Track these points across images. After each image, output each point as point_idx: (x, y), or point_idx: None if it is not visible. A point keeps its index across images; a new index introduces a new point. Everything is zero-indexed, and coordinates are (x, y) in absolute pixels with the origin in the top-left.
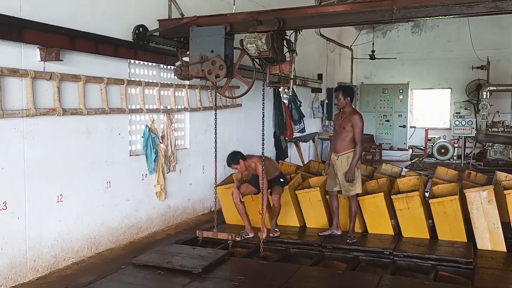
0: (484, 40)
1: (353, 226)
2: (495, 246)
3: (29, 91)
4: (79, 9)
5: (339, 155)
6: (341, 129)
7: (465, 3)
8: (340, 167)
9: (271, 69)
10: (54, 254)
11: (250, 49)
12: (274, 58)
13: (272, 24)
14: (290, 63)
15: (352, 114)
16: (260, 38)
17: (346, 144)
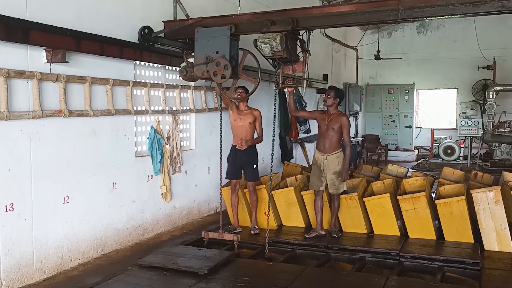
0: (490, 39)
1: (335, 221)
2: (502, 247)
3: (35, 92)
4: (85, 11)
5: (327, 155)
6: (328, 130)
7: (472, 3)
8: (330, 166)
9: (284, 69)
10: (60, 255)
11: (264, 49)
12: (288, 58)
13: (286, 24)
14: (303, 63)
15: (339, 116)
16: (275, 38)
17: (335, 145)
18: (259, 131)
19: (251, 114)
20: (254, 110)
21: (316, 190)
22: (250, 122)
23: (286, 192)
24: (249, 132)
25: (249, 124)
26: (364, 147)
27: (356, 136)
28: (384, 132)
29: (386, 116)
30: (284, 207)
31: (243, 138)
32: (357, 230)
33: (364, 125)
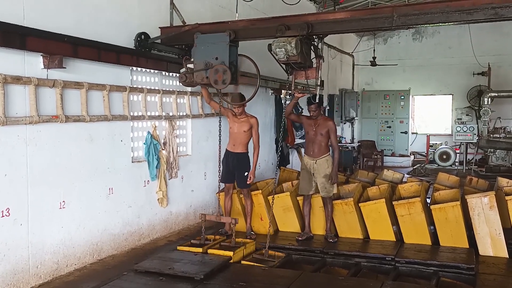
0: (485, 46)
1: (330, 226)
2: (497, 252)
3: (32, 98)
4: (82, 17)
5: (317, 159)
6: (316, 135)
7: (465, 10)
8: (319, 169)
9: (296, 75)
10: (56, 261)
11: (279, 53)
12: (303, 63)
13: (301, 29)
14: (317, 69)
15: (326, 121)
16: (290, 42)
17: (323, 149)
18: (255, 139)
19: (247, 122)
20: (250, 117)
21: (305, 194)
22: (245, 130)
23: (282, 197)
24: (244, 139)
25: (244, 132)
26: (360, 152)
27: (352, 141)
28: (380, 138)
29: (382, 122)
30: (280, 212)
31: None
32: (353, 235)
33: (360, 130)
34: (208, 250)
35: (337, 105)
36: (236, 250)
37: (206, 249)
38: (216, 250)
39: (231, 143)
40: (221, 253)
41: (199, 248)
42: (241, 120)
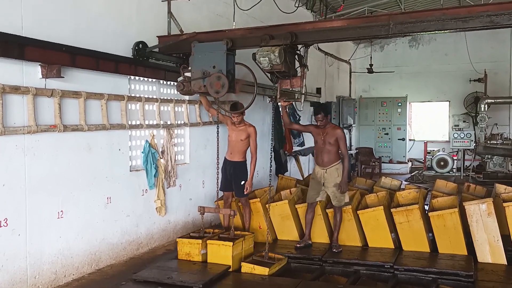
0: (481, 53)
1: (337, 236)
2: (495, 259)
3: (30, 108)
4: (80, 27)
5: (326, 168)
6: (325, 144)
7: (461, 18)
8: (330, 179)
9: (281, 84)
10: (54, 271)
11: (263, 62)
12: (286, 72)
13: (285, 38)
14: (301, 78)
15: (334, 129)
16: (273, 51)
17: (333, 157)
18: (252, 148)
19: (245, 130)
20: (249, 126)
21: (311, 202)
22: (242, 139)
23: (281, 205)
24: (241, 148)
25: (241, 141)
26: (358, 159)
27: (350, 148)
28: (377, 145)
29: (379, 129)
30: (279, 220)
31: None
32: (352, 243)
33: (358, 137)
34: (208, 242)
35: (335, 112)
36: (236, 241)
37: (205, 240)
38: (216, 241)
39: (229, 152)
40: (221, 247)
41: (199, 240)
42: (239, 129)
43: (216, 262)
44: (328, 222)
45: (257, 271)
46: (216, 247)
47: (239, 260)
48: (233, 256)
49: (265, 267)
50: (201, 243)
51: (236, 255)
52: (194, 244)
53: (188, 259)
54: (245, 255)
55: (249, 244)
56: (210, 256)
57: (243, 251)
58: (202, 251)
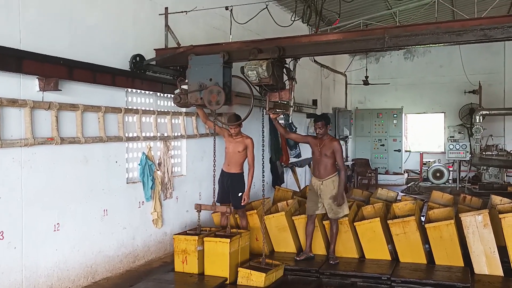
0: (475, 65)
1: (334, 248)
2: (492, 271)
3: (27, 120)
4: (77, 40)
5: (323, 180)
6: (322, 156)
7: (455, 32)
8: (326, 191)
9: (270, 96)
10: (50, 284)
11: (251, 75)
12: (274, 85)
13: (273, 52)
14: (289, 90)
15: (331, 141)
16: (261, 65)
17: (329, 169)
18: (250, 160)
19: (242, 142)
20: (246, 138)
21: (310, 214)
22: (239, 150)
23: (278, 217)
24: (239, 160)
25: (238, 152)
26: (354, 171)
27: (346, 160)
28: (373, 156)
29: (375, 140)
30: (276, 232)
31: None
32: (348, 255)
33: (354, 149)
34: (204, 239)
35: (331, 124)
36: (233, 238)
37: (202, 238)
38: (212, 238)
39: (226, 163)
40: (218, 244)
41: (195, 236)
42: (236, 140)
43: (213, 260)
44: (325, 233)
45: (254, 276)
46: (213, 244)
47: (236, 266)
48: (230, 252)
49: (262, 272)
50: (197, 239)
51: (233, 252)
52: (190, 241)
53: (185, 257)
54: (242, 258)
55: (245, 241)
56: (207, 253)
57: (240, 248)
58: (198, 247)
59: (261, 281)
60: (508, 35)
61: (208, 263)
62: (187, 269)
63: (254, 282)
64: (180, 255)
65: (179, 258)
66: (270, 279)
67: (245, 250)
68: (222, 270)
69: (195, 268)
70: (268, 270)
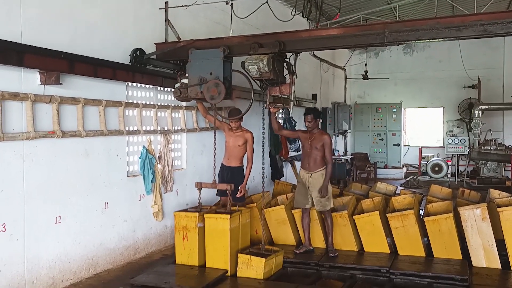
0: (474, 60)
1: (332, 240)
2: (490, 263)
3: (29, 114)
4: (78, 34)
5: (312, 173)
6: (312, 149)
7: (455, 27)
8: (314, 183)
9: (271, 91)
10: (52, 276)
11: (252, 70)
12: (275, 80)
13: (273, 47)
14: (290, 85)
15: (321, 135)
16: (262, 59)
17: (319, 163)
18: (249, 153)
19: (243, 136)
20: (246, 132)
21: (302, 207)
22: (239, 144)
23: (277, 210)
24: (239, 153)
25: (238, 146)
26: (353, 165)
27: (345, 154)
28: (373, 150)
29: (374, 135)
30: (275, 225)
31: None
32: (348, 248)
33: (353, 143)
34: (205, 215)
35: (330, 118)
36: (233, 214)
37: (203, 214)
38: (213, 214)
39: (226, 157)
40: (218, 220)
41: (195, 213)
42: (237, 134)
43: (213, 236)
44: (324, 226)
45: (253, 262)
46: (214, 220)
47: (236, 254)
48: (230, 228)
49: (262, 257)
50: (198, 216)
51: (233, 228)
52: (191, 217)
53: (185, 233)
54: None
55: (246, 218)
56: (208, 229)
57: (240, 225)
58: (199, 224)
59: (261, 266)
60: (507, 31)
61: (209, 239)
62: (187, 246)
63: (254, 268)
64: (181, 232)
65: (180, 235)
66: (270, 264)
67: (245, 228)
68: (223, 246)
69: (195, 246)
70: (268, 255)
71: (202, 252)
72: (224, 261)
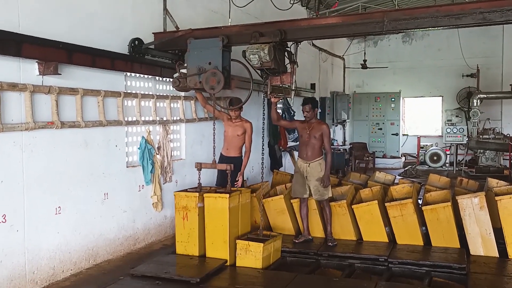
0: (473, 48)
1: (331, 229)
2: (487, 252)
3: (27, 104)
4: (76, 24)
5: (310, 162)
6: (310, 138)
7: (454, 15)
8: (312, 173)
9: (272, 80)
10: (52, 266)
11: (253, 59)
12: (276, 69)
13: (274, 36)
14: (291, 74)
15: (320, 124)
16: (263, 49)
17: (316, 152)
18: (247, 144)
19: (242, 126)
20: (245, 122)
21: (300, 197)
22: (238, 134)
23: (276, 200)
24: (238, 143)
25: (237, 136)
26: (352, 154)
27: (344, 144)
28: (371, 140)
29: (373, 124)
30: (274, 215)
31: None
32: (346, 237)
33: (352, 133)
34: (205, 195)
35: (329, 108)
36: (232, 194)
37: (202, 194)
38: (213, 194)
39: (225, 147)
40: (218, 199)
41: (196, 193)
42: (236, 124)
43: (213, 215)
44: (323, 216)
45: (252, 247)
46: (213, 199)
47: (234, 238)
48: (230, 208)
49: (260, 242)
50: (198, 196)
51: (233, 208)
52: (191, 197)
53: (185, 213)
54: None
55: (245, 198)
56: (207, 209)
57: (240, 205)
58: (199, 204)
59: (259, 251)
60: (507, 18)
61: (209, 219)
62: (187, 226)
63: (253, 253)
64: (181, 211)
65: (180, 215)
66: (269, 249)
67: (245, 208)
68: (222, 225)
69: (195, 225)
70: (266, 240)
71: (202, 232)
72: (223, 240)
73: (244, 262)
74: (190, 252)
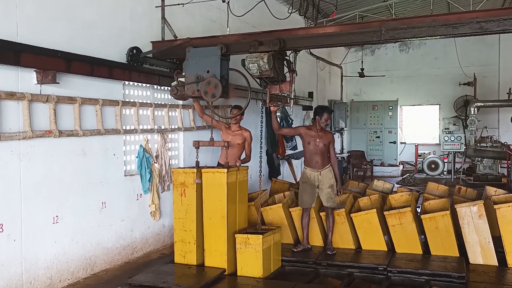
0: (470, 57)
1: (331, 238)
2: (486, 260)
3: (25, 113)
4: (74, 33)
5: (321, 170)
6: (320, 146)
7: (451, 24)
8: (325, 180)
9: (271, 89)
10: (50, 276)
11: (252, 68)
12: (275, 78)
13: (273, 45)
14: (290, 83)
15: (328, 133)
16: (262, 57)
17: (326, 160)
18: (247, 152)
19: (241, 135)
20: (245, 131)
21: (308, 207)
22: (238, 143)
23: (275, 209)
24: (237, 153)
25: (238, 145)
26: (350, 163)
27: (342, 152)
28: (369, 148)
29: (371, 132)
30: (273, 223)
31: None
32: (345, 246)
33: (350, 141)
34: (202, 171)
35: None
36: (230, 169)
37: (200, 170)
38: (210, 169)
39: (223, 156)
40: (216, 174)
41: (193, 169)
42: (235, 133)
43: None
44: (322, 225)
45: (251, 240)
46: (211, 174)
47: (233, 234)
48: (227, 183)
49: (259, 235)
50: (195, 172)
51: (230, 183)
52: (189, 173)
53: (183, 189)
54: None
55: (243, 175)
56: (205, 184)
57: (238, 181)
58: (196, 180)
59: (259, 243)
60: (504, 28)
61: (206, 195)
62: (185, 202)
63: (253, 246)
64: (179, 188)
65: (178, 191)
66: (268, 241)
67: (243, 185)
68: (220, 200)
69: (193, 201)
70: (264, 232)
71: (199, 209)
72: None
73: (245, 257)
74: (187, 228)
